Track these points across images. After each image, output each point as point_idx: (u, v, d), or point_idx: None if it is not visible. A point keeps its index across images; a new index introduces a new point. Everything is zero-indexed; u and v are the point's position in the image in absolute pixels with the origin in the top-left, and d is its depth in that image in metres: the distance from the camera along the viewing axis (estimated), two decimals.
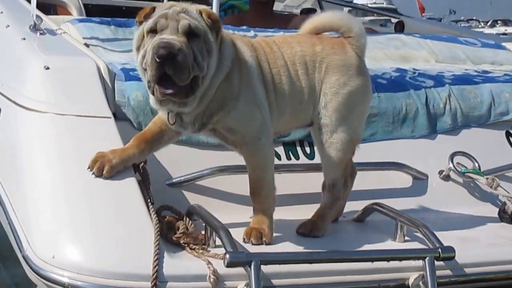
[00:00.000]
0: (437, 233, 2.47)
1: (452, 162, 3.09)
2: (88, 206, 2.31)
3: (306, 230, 2.55)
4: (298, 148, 3.02)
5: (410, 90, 3.26)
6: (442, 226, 2.78)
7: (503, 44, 4.52)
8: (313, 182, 2.80)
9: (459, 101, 3.31)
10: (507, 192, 2.95)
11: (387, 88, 3.25)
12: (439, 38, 4.41)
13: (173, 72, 2.18)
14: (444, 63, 4.09)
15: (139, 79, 2.82)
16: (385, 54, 4.06)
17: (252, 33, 3.98)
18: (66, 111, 2.59)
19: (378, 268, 2.30)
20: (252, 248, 2.33)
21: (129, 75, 2.86)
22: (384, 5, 50.09)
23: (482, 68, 3.92)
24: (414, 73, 3.55)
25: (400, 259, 2.30)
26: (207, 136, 2.68)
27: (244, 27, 4.09)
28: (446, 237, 2.52)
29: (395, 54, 4.08)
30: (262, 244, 2.39)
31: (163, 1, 6.35)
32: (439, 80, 3.40)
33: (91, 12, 5.19)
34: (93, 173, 2.35)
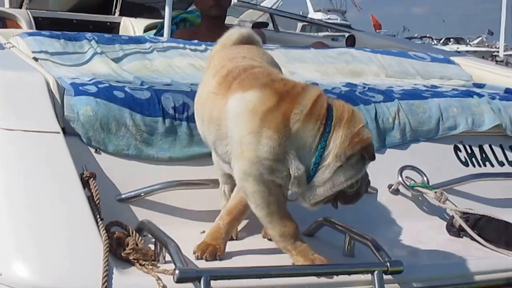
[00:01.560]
0: (386, 247, 2.48)
1: (401, 176, 3.12)
2: (35, 222, 2.28)
3: None
4: None
5: (360, 105, 3.29)
6: (391, 240, 2.82)
7: (452, 58, 4.60)
8: None
9: (408, 115, 3.35)
10: (455, 205, 2.99)
11: None
12: (389, 52, 4.47)
13: None
14: (394, 78, 4.15)
15: (88, 94, 2.81)
16: (336, 68, 4.11)
17: (203, 47, 3.99)
18: (14, 126, 2.56)
19: (327, 282, 2.30)
20: (202, 263, 2.33)
21: (79, 89, 2.84)
22: (339, 21, 50.76)
23: (431, 83, 3.99)
24: (364, 88, 3.58)
25: (349, 273, 2.31)
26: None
27: (196, 41, 4.10)
28: (395, 251, 2.57)
29: (345, 69, 4.12)
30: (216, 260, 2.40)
31: (114, 14, 6.40)
32: (388, 95, 3.43)
33: (41, 25, 5.17)
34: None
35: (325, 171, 2.29)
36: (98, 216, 2.37)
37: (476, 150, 3.41)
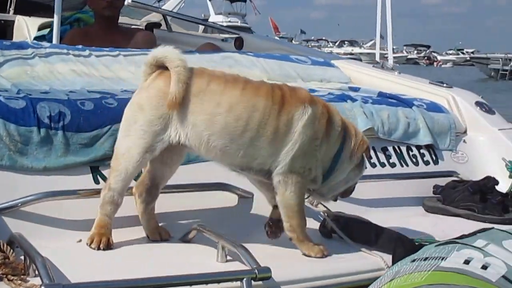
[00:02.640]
0: (260, 253, 2.57)
1: None
2: None
3: None
4: None
5: None
6: (265, 245, 2.89)
7: (332, 61, 4.74)
8: None
9: None
10: (327, 208, 3.10)
11: None
12: (272, 56, 4.57)
13: None
14: (275, 81, 4.23)
15: None
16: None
17: (87, 52, 3.98)
18: None
19: None
20: (74, 277, 2.34)
21: None
22: (239, 24, 51.02)
23: (309, 87, 4.08)
24: None
25: (218, 282, 2.37)
26: None
27: (80, 46, 4.08)
28: (269, 256, 2.62)
29: (229, 73, 4.18)
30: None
31: (9, 13, 6.27)
32: None
33: None
34: None
35: (342, 172, 2.84)
36: None
37: None
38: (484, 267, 2.21)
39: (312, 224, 3.11)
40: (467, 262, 2.22)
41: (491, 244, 2.38)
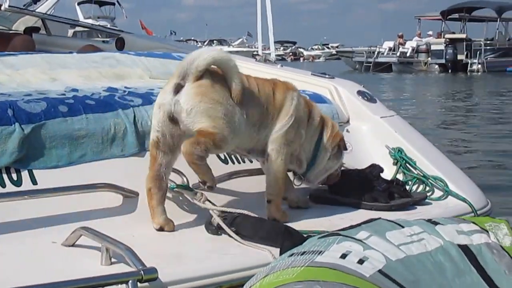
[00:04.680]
0: (147, 253, 2.51)
1: None
2: None
3: None
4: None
5: (118, 110, 3.27)
6: (152, 245, 2.83)
7: None
8: None
9: None
10: (214, 205, 3.06)
11: (96, 109, 3.23)
12: (153, 54, 4.51)
13: None
14: (158, 79, 4.18)
15: None
16: (99, 73, 4.08)
17: None
18: None
19: None
20: None
21: None
22: (109, 26, 50.50)
23: None
24: (125, 92, 3.57)
25: (102, 286, 2.29)
26: None
27: None
28: (156, 257, 2.57)
29: (109, 73, 4.10)
30: None
31: None
32: (147, 98, 3.44)
33: None
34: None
35: (322, 160, 3.35)
36: None
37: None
38: (361, 261, 2.22)
39: (199, 221, 3.07)
40: (344, 256, 2.22)
41: (373, 236, 2.39)
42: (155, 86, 3.79)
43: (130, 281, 2.29)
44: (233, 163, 3.47)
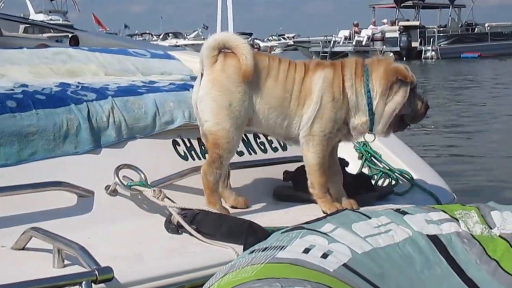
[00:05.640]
0: (104, 254, 2.39)
1: (117, 176, 3.00)
2: None
3: None
4: None
5: (71, 105, 3.13)
6: (109, 245, 2.70)
7: (173, 53, 4.57)
8: None
9: (123, 113, 3.24)
10: (173, 202, 2.93)
11: (46, 104, 3.08)
12: (109, 51, 4.34)
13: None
14: (113, 76, 4.03)
15: None
16: (51, 69, 3.91)
17: None
18: None
19: None
20: None
21: None
22: (61, 22, 50.02)
23: (149, 79, 3.91)
24: (77, 87, 3.42)
25: None
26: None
27: None
28: (113, 257, 2.46)
29: (62, 69, 3.94)
30: None
31: None
32: (102, 93, 3.30)
33: None
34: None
35: (378, 107, 3.06)
36: None
37: (195, 143, 3.38)
38: (325, 256, 2.12)
39: (158, 219, 2.94)
40: (307, 250, 2.12)
41: (339, 228, 2.30)
42: (111, 82, 3.65)
43: (84, 282, 2.17)
44: (193, 159, 3.34)
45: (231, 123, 2.98)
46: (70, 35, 6.04)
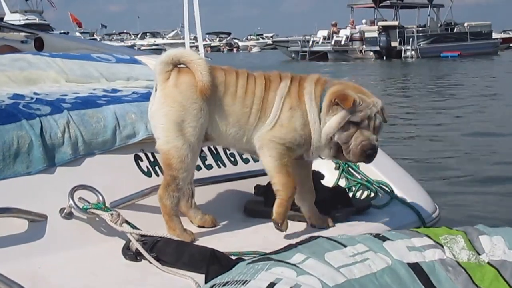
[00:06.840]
0: (57, 282, 2.27)
1: (72, 198, 2.77)
2: None
3: None
4: None
5: (22, 120, 2.89)
6: (60, 276, 2.49)
7: (139, 58, 4.34)
8: None
9: (79, 127, 3.01)
10: (133, 227, 2.70)
11: None
12: (71, 56, 4.12)
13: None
14: (75, 82, 3.80)
15: None
16: (8, 77, 3.68)
17: None
18: None
19: None
20: None
21: None
22: (37, 21, 49.49)
23: (112, 87, 3.67)
24: (32, 99, 3.18)
25: None
26: None
27: None
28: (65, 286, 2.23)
29: (19, 77, 3.71)
30: None
31: None
32: (57, 106, 3.07)
33: None
34: None
35: (318, 128, 2.87)
36: None
37: (159, 157, 3.15)
38: None
39: (116, 245, 2.70)
40: (272, 285, 1.93)
41: (310, 259, 2.11)
42: (70, 92, 3.41)
43: None
44: (157, 175, 3.11)
45: (184, 141, 2.77)
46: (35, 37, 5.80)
